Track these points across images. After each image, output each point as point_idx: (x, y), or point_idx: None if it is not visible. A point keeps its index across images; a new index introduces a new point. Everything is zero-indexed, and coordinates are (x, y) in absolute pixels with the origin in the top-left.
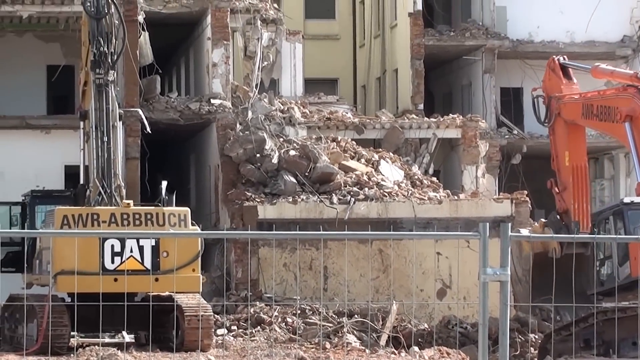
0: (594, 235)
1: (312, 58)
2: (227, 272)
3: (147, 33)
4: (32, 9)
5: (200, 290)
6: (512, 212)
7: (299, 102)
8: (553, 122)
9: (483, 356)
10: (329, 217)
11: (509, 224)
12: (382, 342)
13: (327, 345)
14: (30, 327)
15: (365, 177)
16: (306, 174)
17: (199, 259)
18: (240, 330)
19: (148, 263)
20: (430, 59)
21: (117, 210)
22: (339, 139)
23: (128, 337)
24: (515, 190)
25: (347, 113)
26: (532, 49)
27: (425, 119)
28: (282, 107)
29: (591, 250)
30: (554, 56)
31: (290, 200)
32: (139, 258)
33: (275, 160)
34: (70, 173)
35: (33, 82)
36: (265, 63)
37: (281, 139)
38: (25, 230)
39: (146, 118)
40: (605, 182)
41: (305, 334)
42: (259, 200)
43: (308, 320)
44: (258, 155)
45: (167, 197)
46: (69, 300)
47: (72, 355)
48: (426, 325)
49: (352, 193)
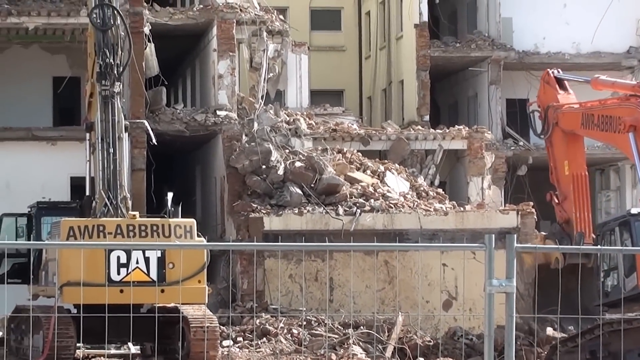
0: (600, 247)
1: (318, 69)
2: (232, 283)
3: (153, 44)
4: (38, 21)
5: (206, 301)
6: (518, 223)
7: (305, 113)
8: (550, 134)
9: None
10: (334, 228)
11: (515, 235)
12: (388, 353)
13: (333, 356)
14: (36, 338)
15: (371, 189)
16: (312, 185)
17: (205, 270)
18: (246, 342)
19: (154, 274)
20: (436, 70)
21: (123, 221)
22: (344, 151)
23: (134, 349)
24: (521, 202)
25: (352, 124)
26: (538, 60)
27: (431, 130)
28: (287, 118)
29: (595, 261)
30: (549, 69)
31: (296, 211)
32: (144, 269)
33: (281, 171)
34: (76, 184)
35: (39, 93)
36: (271, 74)
37: (287, 151)
38: (32, 242)
39: (152, 129)
40: (611, 193)
41: (311, 345)
42: (264, 211)
43: (314, 331)
44: (264, 166)
45: (172, 209)
46: (75, 312)
47: None
48: (429, 338)
49: (357, 204)
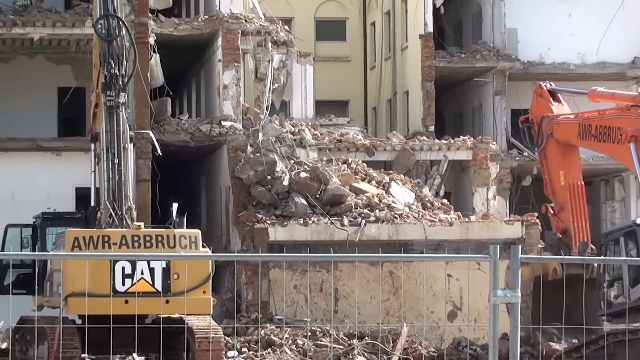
0: (605, 257)
1: (323, 80)
2: (237, 294)
3: (158, 55)
4: (43, 31)
5: (211, 312)
6: (523, 234)
7: (310, 124)
8: (545, 145)
9: None
10: (339, 239)
11: (519, 246)
12: None
13: None
14: (41, 349)
15: (376, 199)
16: (317, 196)
17: (210, 281)
18: (250, 353)
19: (159, 285)
20: (441, 81)
21: (128, 232)
22: (349, 161)
23: (139, 359)
24: (526, 212)
25: (357, 135)
26: (543, 71)
27: (436, 140)
28: (292, 129)
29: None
30: (541, 82)
31: (301, 222)
32: (149, 280)
33: (286, 182)
34: (81, 195)
35: (44, 104)
36: (276, 85)
37: (292, 161)
38: (36, 253)
39: (157, 140)
40: (616, 204)
41: (316, 356)
42: (269, 222)
43: (319, 342)
44: (269, 177)
45: (177, 219)
46: (80, 322)
47: None
48: (434, 349)
49: (362, 215)
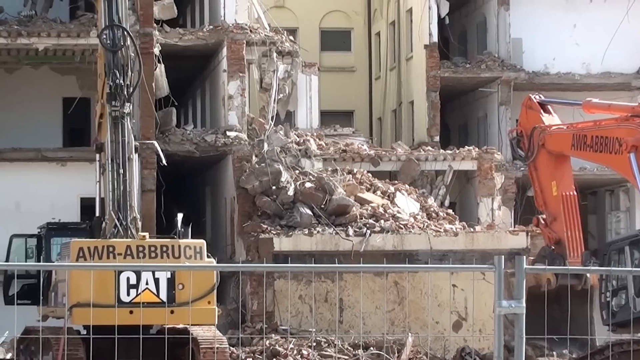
0: (610, 268)
1: (328, 90)
2: (242, 304)
3: (163, 65)
4: (48, 42)
5: (216, 322)
6: (528, 244)
7: (315, 134)
8: (535, 156)
9: None
10: (344, 249)
11: (524, 256)
12: None
13: None
14: (46, 359)
15: (381, 209)
16: (322, 206)
17: (215, 291)
18: None
19: (164, 295)
20: (446, 91)
21: (132, 242)
22: (354, 171)
23: None
24: (531, 223)
25: (362, 145)
26: (548, 81)
27: (441, 151)
28: (298, 139)
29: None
30: (530, 94)
31: (306, 232)
32: (154, 290)
33: (291, 192)
34: (86, 205)
35: (49, 114)
36: (281, 95)
37: (297, 171)
38: (41, 264)
39: (162, 150)
40: (621, 214)
41: None
42: (274, 232)
43: (324, 352)
44: (274, 187)
45: (182, 230)
46: (85, 333)
47: None
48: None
49: (367, 225)
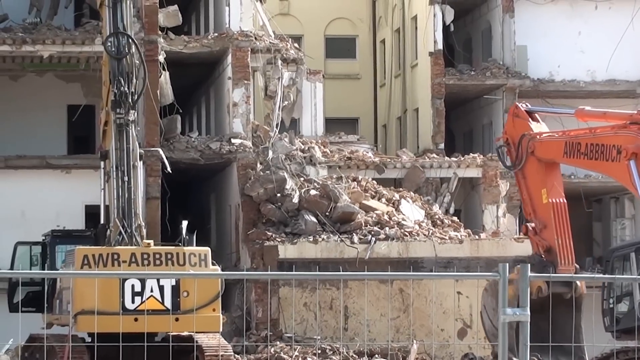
0: (615, 276)
1: (333, 97)
2: (247, 311)
3: (167, 73)
4: (53, 49)
5: (221, 330)
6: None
7: (320, 141)
8: (523, 165)
9: None
10: (349, 256)
11: (529, 264)
12: None
13: None
14: None
15: (386, 217)
16: (327, 213)
17: (219, 298)
18: None
19: (168, 303)
20: (451, 98)
21: (137, 250)
22: (359, 179)
23: None
24: None
25: (367, 152)
26: (553, 88)
27: (446, 158)
28: (302, 146)
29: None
30: (517, 103)
31: (311, 239)
32: (159, 298)
33: (295, 199)
34: (91, 213)
35: (53, 121)
36: (286, 102)
37: (302, 179)
38: (46, 271)
39: (167, 158)
40: (626, 221)
41: None
42: (279, 239)
43: None
44: (279, 194)
45: (187, 237)
46: (89, 340)
47: None
48: None
49: (372, 232)
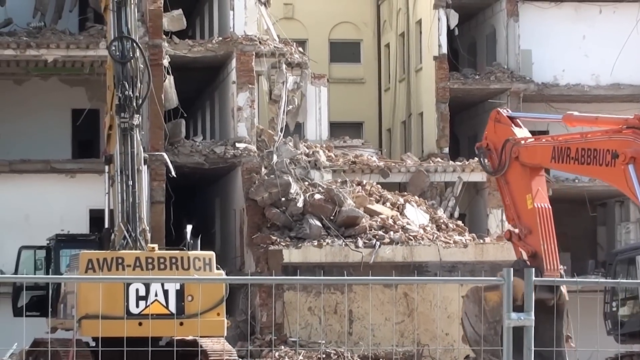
0: (618, 280)
1: (338, 102)
2: (251, 316)
3: (172, 77)
4: (57, 53)
5: (225, 334)
6: None
7: (324, 145)
8: (506, 170)
9: None
10: (354, 260)
11: (533, 269)
12: None
13: None
14: None
15: (390, 221)
16: (331, 217)
17: (224, 303)
18: None
19: (173, 307)
20: (456, 103)
21: (142, 254)
22: (364, 183)
23: None
24: None
25: (372, 157)
26: (558, 92)
27: (451, 162)
28: (307, 150)
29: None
30: (498, 109)
31: (316, 244)
32: (163, 302)
33: (300, 204)
34: (95, 217)
35: (58, 125)
36: (291, 107)
37: (306, 183)
38: (50, 276)
39: (171, 162)
40: (630, 225)
41: None
42: (284, 244)
43: None
44: (283, 199)
45: (192, 241)
46: (94, 345)
47: None
48: None
49: (377, 237)
